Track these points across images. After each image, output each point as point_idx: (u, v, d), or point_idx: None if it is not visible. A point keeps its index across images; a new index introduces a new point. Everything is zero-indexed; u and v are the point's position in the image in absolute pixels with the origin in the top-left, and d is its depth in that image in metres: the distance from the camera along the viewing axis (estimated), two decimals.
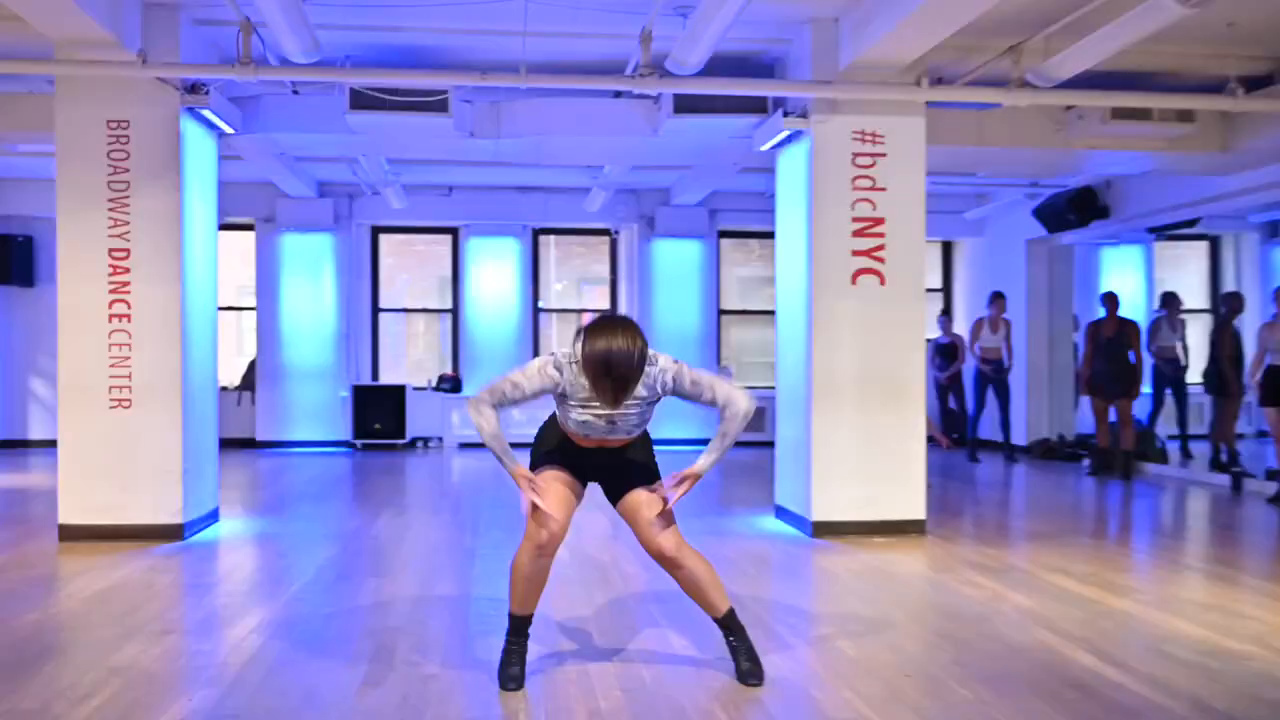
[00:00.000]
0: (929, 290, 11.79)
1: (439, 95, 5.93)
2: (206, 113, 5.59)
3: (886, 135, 5.75)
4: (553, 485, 3.07)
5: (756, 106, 6.21)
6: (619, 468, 3.14)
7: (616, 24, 5.63)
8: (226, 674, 3.22)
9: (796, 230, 6.02)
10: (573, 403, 2.97)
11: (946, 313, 11.00)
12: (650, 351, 2.87)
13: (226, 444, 10.67)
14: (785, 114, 5.90)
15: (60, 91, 5.38)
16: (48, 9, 4.69)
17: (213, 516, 5.92)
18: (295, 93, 6.42)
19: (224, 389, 10.92)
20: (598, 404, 2.90)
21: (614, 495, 3.17)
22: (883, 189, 5.74)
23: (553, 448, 3.15)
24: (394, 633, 3.70)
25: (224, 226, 10.70)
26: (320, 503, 7.00)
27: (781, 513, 6.22)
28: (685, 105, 6.18)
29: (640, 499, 3.09)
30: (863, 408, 5.72)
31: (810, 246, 5.75)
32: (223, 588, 4.45)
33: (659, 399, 3.02)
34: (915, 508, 5.75)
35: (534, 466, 3.16)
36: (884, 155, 5.75)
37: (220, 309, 11.23)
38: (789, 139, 6.10)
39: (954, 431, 10.81)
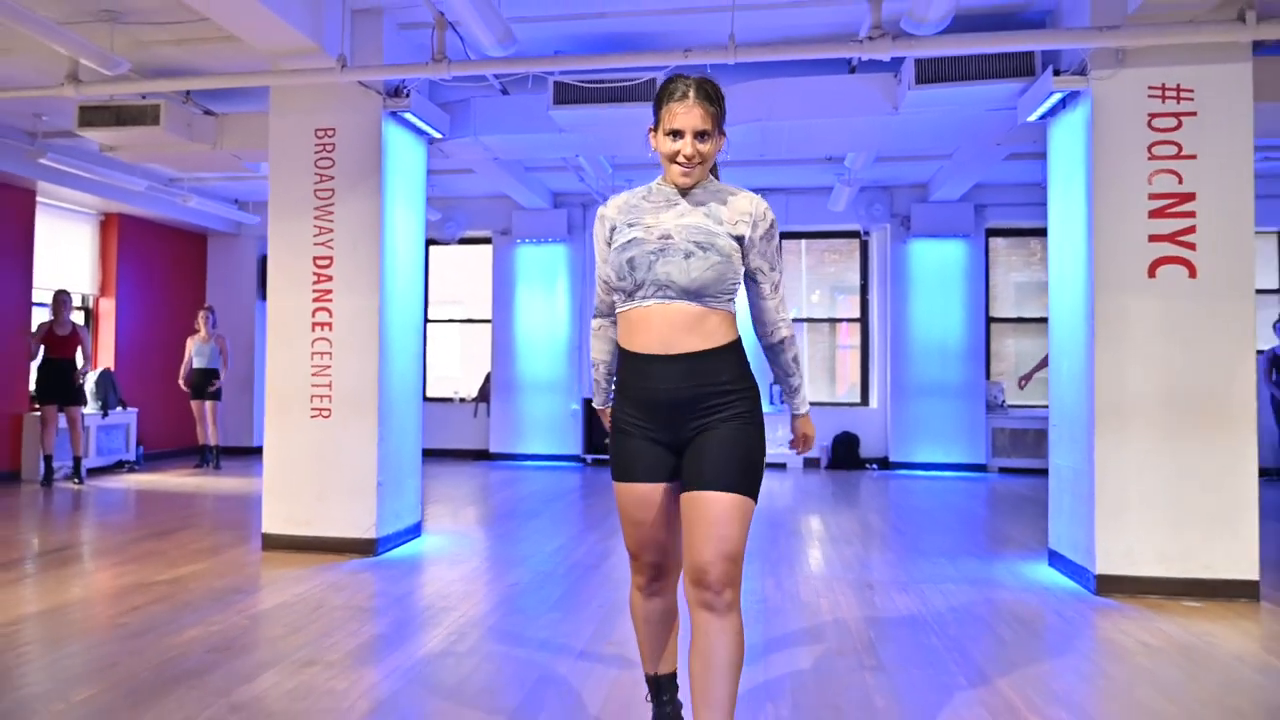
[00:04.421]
0: (1262, 292, 9.77)
1: (645, 81, 5.41)
2: (409, 116, 5.42)
3: (1196, 89, 4.49)
4: (630, 509, 2.37)
5: (1020, 69, 5.14)
6: (704, 445, 2.25)
7: None
8: None
9: (1073, 213, 4.87)
10: (619, 238, 2.33)
11: None
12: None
13: (461, 455, 10.95)
14: (1056, 73, 4.79)
15: (274, 103, 5.42)
16: (255, 24, 4.69)
17: (413, 531, 5.71)
18: (504, 93, 6.16)
19: (461, 400, 11.13)
20: (649, 210, 2.33)
21: (684, 484, 2.28)
22: (1191, 156, 4.48)
23: (619, 434, 2.38)
24: (548, 685, 3.14)
25: (464, 240, 11.01)
26: (531, 520, 6.67)
27: (1056, 560, 5.05)
28: (930, 73, 5.24)
29: (716, 503, 2.20)
30: (1168, 433, 4.47)
31: (1090, 230, 4.60)
32: (390, 614, 4.11)
33: (732, 247, 2.27)
34: (1245, 564, 4.39)
35: (612, 474, 2.45)
36: (1193, 115, 4.50)
37: (461, 321, 11.66)
38: (1062, 104, 4.97)
39: None
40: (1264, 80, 4.86)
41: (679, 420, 2.28)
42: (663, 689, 2.51)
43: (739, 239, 2.28)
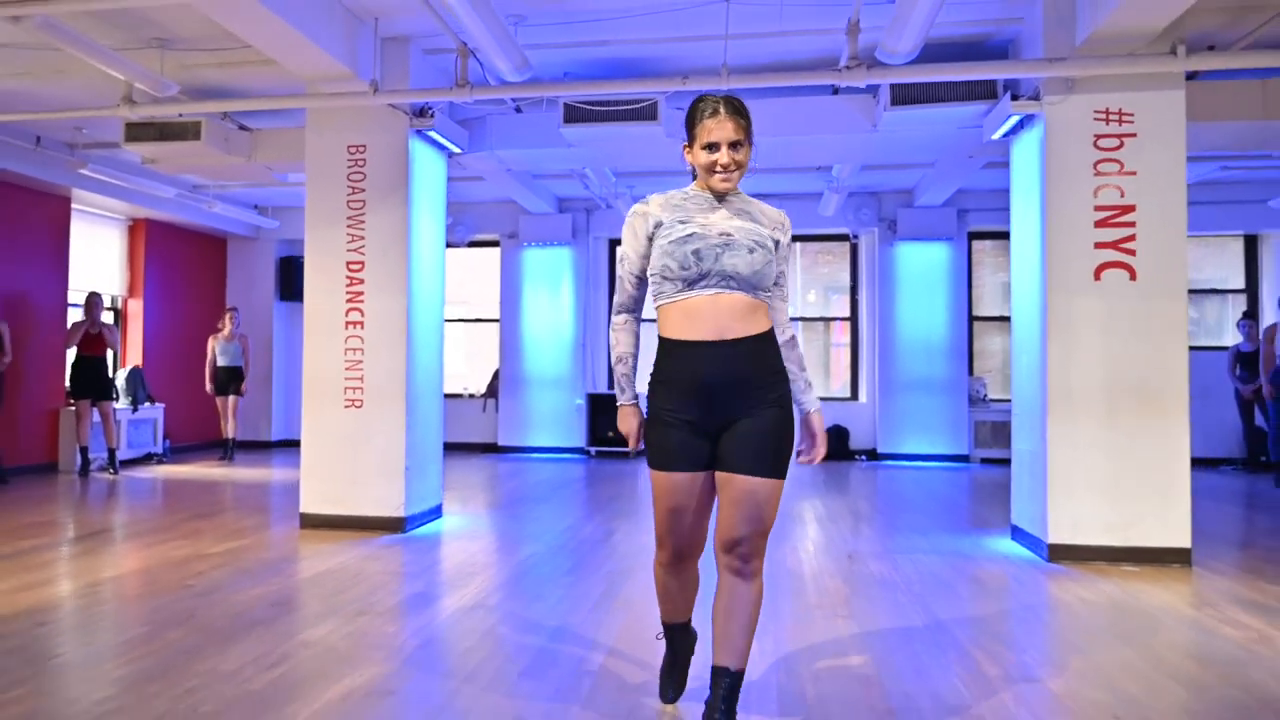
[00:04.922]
0: (1230, 291, 10.34)
1: (648, 103, 5.97)
2: (433, 134, 5.98)
3: (1136, 113, 5.06)
4: (666, 497, 2.55)
5: (985, 93, 5.70)
6: (747, 429, 2.47)
7: (821, 19, 5.45)
8: (399, 655, 3.36)
9: (1030, 222, 5.44)
10: (673, 233, 2.51)
11: (1250, 316, 9.55)
12: None
13: (470, 448, 11.50)
14: (1014, 97, 5.36)
15: (310, 123, 5.97)
16: (297, 52, 5.22)
17: (435, 513, 6.28)
18: (518, 111, 6.72)
19: (471, 396, 11.69)
20: (697, 210, 2.54)
21: (721, 463, 2.50)
22: (1132, 173, 5.05)
23: (660, 425, 2.54)
24: (567, 631, 3.70)
25: (473, 243, 11.57)
26: (540, 504, 7.23)
27: (1018, 534, 5.61)
28: (903, 96, 5.81)
29: (755, 487, 2.44)
30: (1111, 419, 5.04)
31: (1044, 238, 5.16)
32: (423, 578, 4.67)
33: (773, 249, 2.53)
34: (1178, 534, 4.97)
35: (650, 463, 2.60)
36: (1133, 135, 5.07)
37: (471, 320, 12.23)
38: (1020, 125, 5.53)
39: (1262, 453, 9.42)
40: (1208, 103, 5.46)
41: (726, 403, 2.47)
42: (681, 634, 2.95)
43: (775, 243, 2.56)
